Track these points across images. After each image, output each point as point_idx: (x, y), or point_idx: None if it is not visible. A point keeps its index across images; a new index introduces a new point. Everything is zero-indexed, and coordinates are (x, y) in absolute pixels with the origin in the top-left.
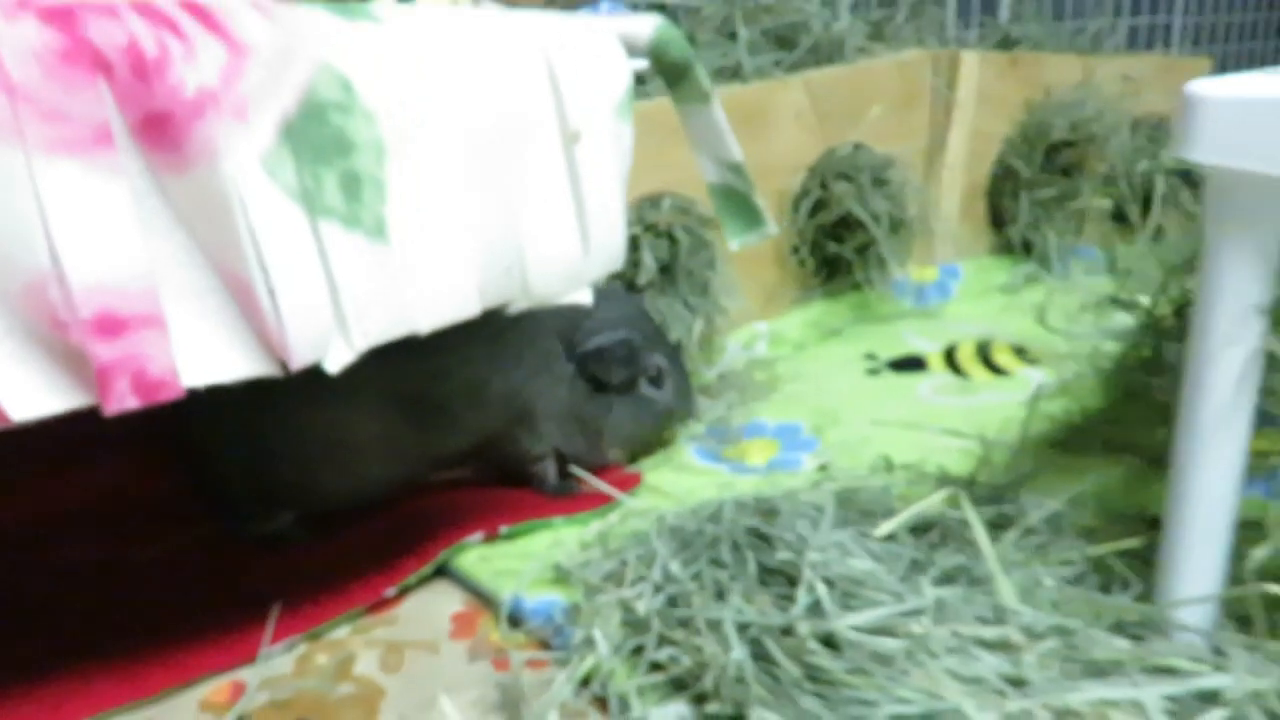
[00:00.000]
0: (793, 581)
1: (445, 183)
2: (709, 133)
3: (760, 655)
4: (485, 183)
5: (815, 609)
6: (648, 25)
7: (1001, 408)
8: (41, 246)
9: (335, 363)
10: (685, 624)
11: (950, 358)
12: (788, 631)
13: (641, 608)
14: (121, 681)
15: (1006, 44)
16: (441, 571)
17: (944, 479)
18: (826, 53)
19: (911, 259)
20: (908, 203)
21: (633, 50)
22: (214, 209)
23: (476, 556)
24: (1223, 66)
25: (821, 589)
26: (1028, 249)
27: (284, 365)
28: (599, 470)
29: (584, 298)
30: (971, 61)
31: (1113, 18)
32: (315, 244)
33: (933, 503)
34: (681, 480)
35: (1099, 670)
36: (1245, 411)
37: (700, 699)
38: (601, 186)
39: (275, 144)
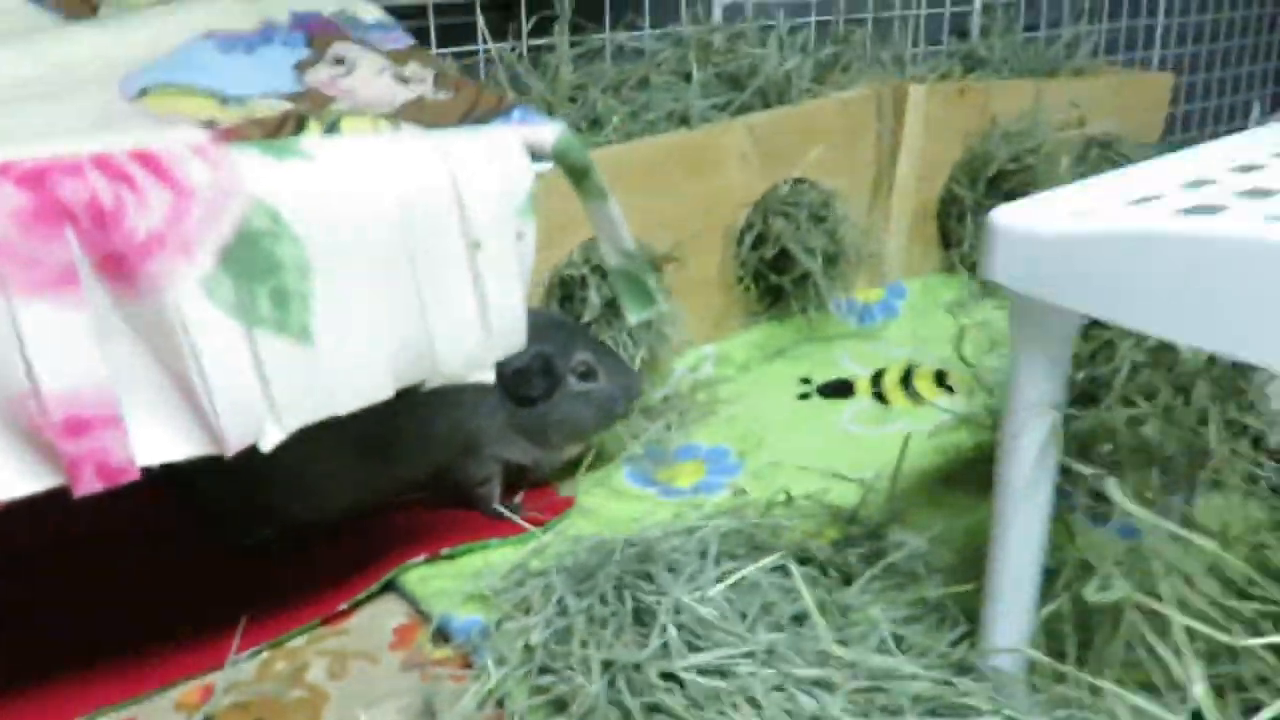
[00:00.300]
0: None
1: (362, 292)
2: (608, 225)
3: (616, 689)
4: (397, 289)
5: (665, 649)
6: (550, 133)
7: (912, 437)
8: (20, 369)
9: (268, 443)
10: (565, 655)
11: (877, 383)
12: (639, 668)
13: (534, 638)
14: (108, 684)
15: (971, 62)
16: (391, 587)
17: (835, 512)
18: (775, 93)
19: (856, 283)
20: (845, 236)
21: (538, 155)
22: (162, 327)
23: (418, 576)
24: (1207, 65)
25: (672, 631)
26: (974, 269)
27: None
28: (544, 484)
29: (487, 377)
30: (918, 94)
31: (1089, 24)
32: (250, 348)
33: (763, 566)
34: (612, 504)
35: (907, 709)
36: (1045, 484)
37: None
38: (502, 283)
39: (215, 269)
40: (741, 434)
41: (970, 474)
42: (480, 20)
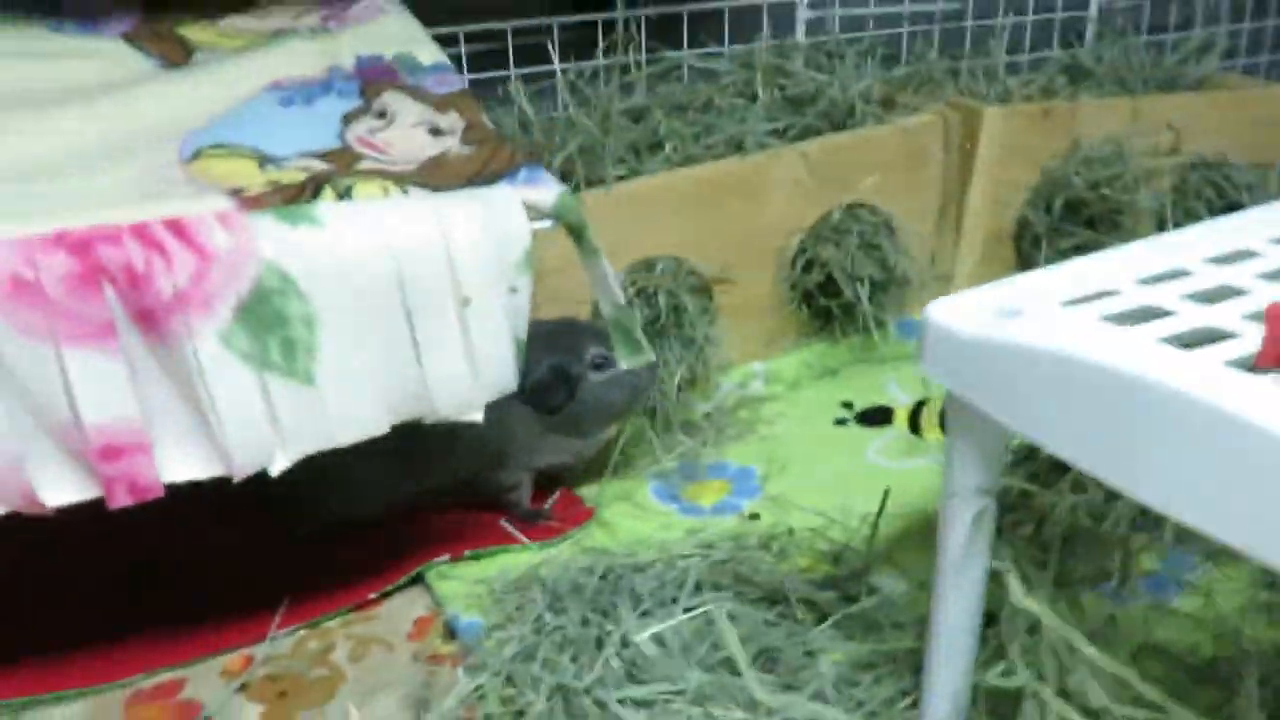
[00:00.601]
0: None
1: (361, 341)
2: (601, 279)
3: (559, 712)
4: (393, 339)
5: (603, 680)
6: (550, 194)
7: (930, 473)
8: (64, 406)
9: (276, 468)
10: (527, 672)
11: (915, 414)
12: (586, 692)
13: (507, 651)
14: (163, 648)
15: (1075, 73)
16: (420, 581)
17: (832, 548)
18: (840, 116)
19: (915, 307)
20: (899, 263)
21: (537, 214)
22: (185, 371)
23: (439, 573)
24: None
25: (614, 663)
26: None
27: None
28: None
29: (476, 417)
30: (994, 118)
31: (1230, 23)
32: (260, 390)
33: (695, 615)
34: (630, 520)
35: None
36: (977, 566)
37: None
38: (490, 334)
39: (232, 322)
40: (770, 456)
41: None
42: (554, 41)
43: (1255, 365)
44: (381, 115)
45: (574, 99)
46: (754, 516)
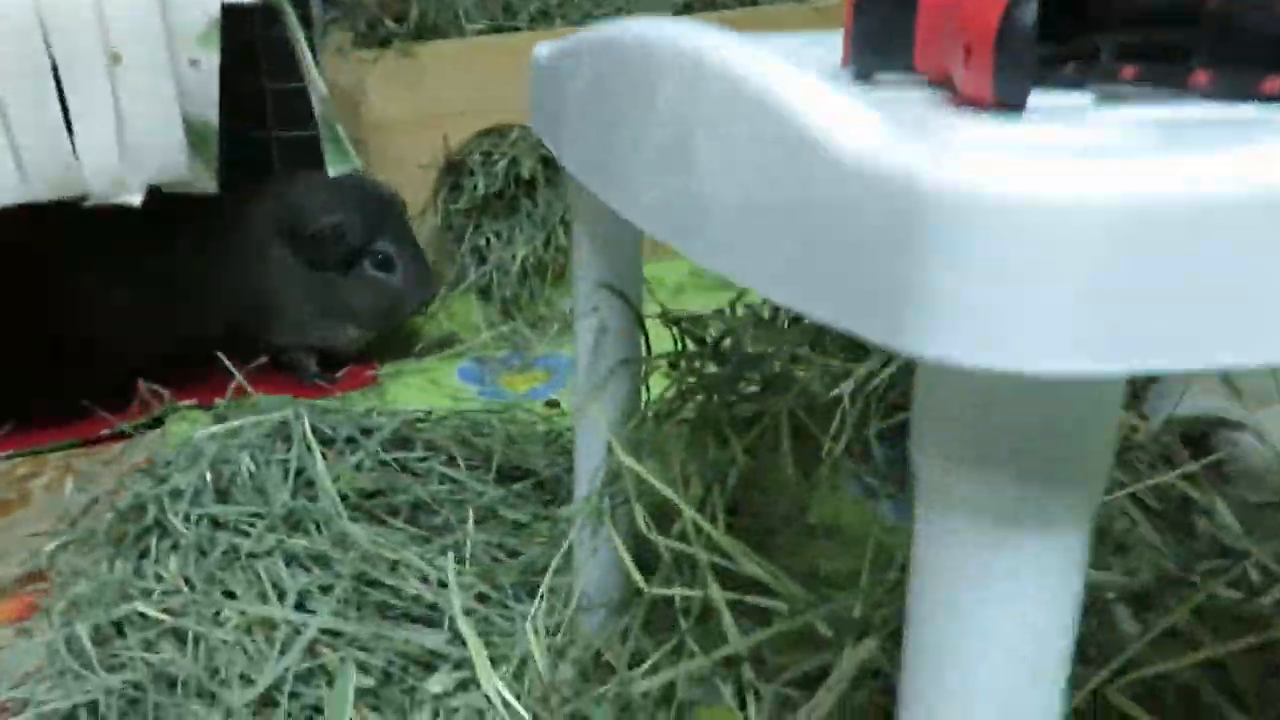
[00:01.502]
0: None
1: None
2: (305, 64)
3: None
4: (39, 95)
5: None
6: None
7: None
8: None
9: None
10: None
11: None
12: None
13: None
14: None
15: None
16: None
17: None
18: None
19: None
20: None
21: None
22: None
23: (180, 417)
24: None
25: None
26: None
27: None
28: (340, 356)
29: (133, 199)
30: None
31: None
32: None
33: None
34: (414, 393)
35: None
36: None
37: None
38: (145, 102)
39: None
40: None
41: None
42: None
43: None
44: None
45: None
46: (553, 404)
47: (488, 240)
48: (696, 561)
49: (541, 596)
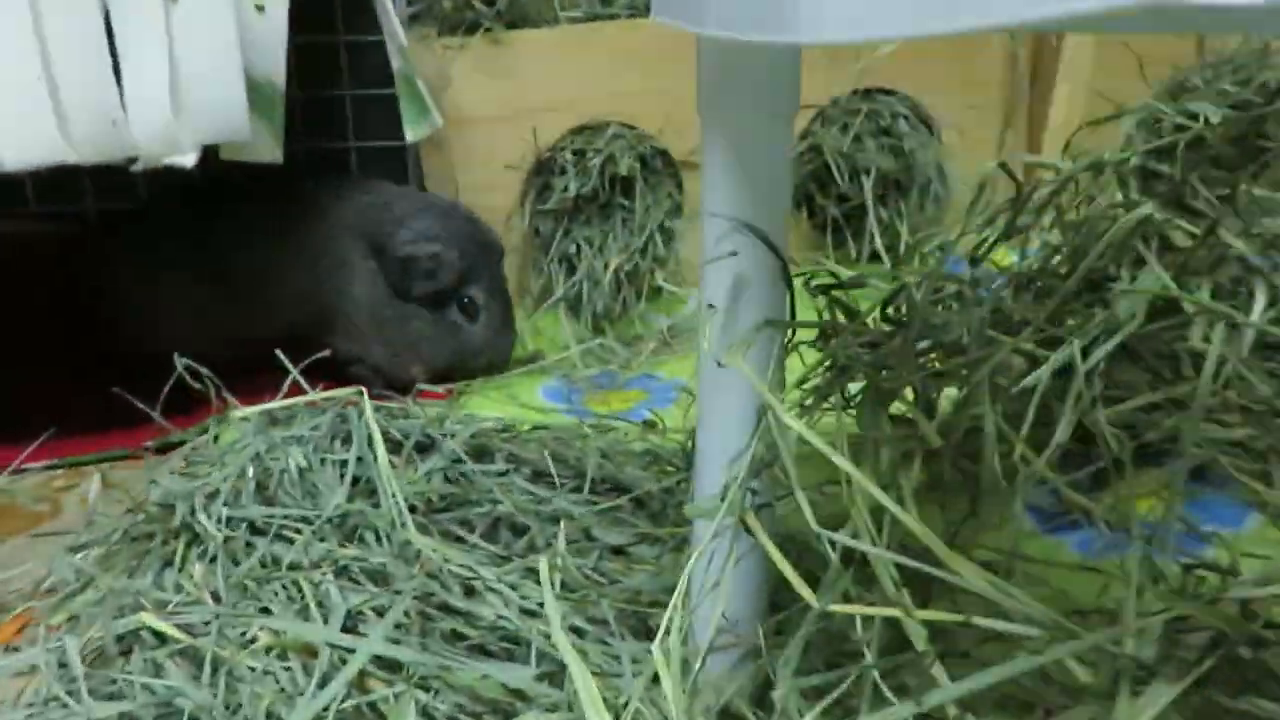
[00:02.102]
0: None
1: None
2: (385, 14)
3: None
4: (86, 38)
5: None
6: None
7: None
8: None
9: None
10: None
11: None
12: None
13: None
14: None
15: None
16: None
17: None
18: None
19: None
20: (928, 163)
21: None
22: None
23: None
24: None
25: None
26: None
27: None
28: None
29: (185, 160)
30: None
31: None
32: None
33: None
34: (492, 406)
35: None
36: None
37: None
38: (204, 51)
39: None
40: None
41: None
42: None
43: None
44: None
45: None
46: (650, 424)
47: (578, 248)
48: (878, 575)
49: (667, 621)
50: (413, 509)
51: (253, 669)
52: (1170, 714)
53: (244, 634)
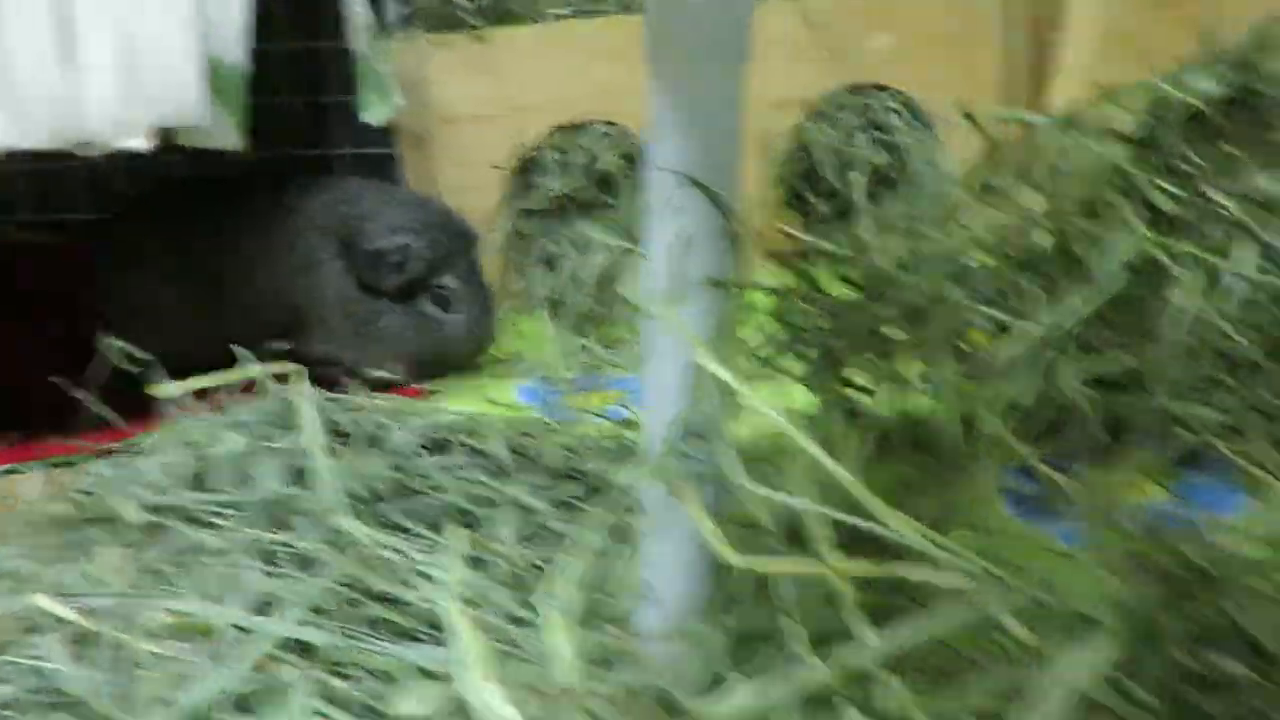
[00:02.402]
0: None
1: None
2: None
3: None
4: (37, 25)
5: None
6: None
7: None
8: None
9: None
10: None
11: None
12: None
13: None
14: None
15: None
16: None
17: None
18: None
19: None
20: (920, 158)
21: None
22: None
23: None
24: None
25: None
26: None
27: None
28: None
29: (138, 143)
30: None
31: None
32: None
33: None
34: (466, 406)
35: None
36: None
37: None
38: (157, 33)
39: None
40: None
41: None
42: None
43: None
44: None
45: None
46: (629, 424)
47: (561, 247)
48: (810, 538)
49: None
50: (360, 500)
51: (154, 654)
52: (1116, 672)
53: (150, 618)
